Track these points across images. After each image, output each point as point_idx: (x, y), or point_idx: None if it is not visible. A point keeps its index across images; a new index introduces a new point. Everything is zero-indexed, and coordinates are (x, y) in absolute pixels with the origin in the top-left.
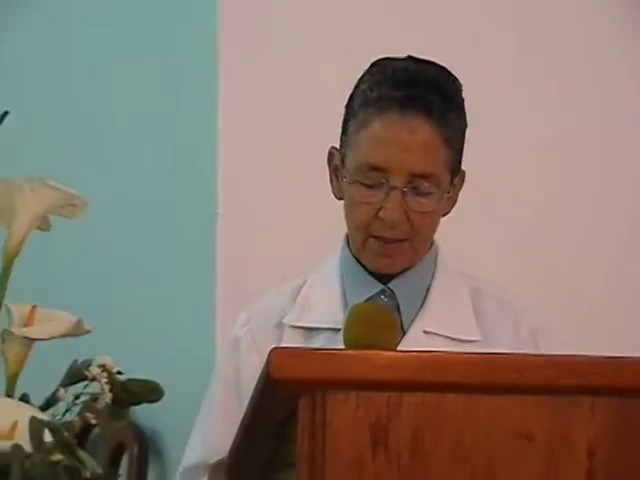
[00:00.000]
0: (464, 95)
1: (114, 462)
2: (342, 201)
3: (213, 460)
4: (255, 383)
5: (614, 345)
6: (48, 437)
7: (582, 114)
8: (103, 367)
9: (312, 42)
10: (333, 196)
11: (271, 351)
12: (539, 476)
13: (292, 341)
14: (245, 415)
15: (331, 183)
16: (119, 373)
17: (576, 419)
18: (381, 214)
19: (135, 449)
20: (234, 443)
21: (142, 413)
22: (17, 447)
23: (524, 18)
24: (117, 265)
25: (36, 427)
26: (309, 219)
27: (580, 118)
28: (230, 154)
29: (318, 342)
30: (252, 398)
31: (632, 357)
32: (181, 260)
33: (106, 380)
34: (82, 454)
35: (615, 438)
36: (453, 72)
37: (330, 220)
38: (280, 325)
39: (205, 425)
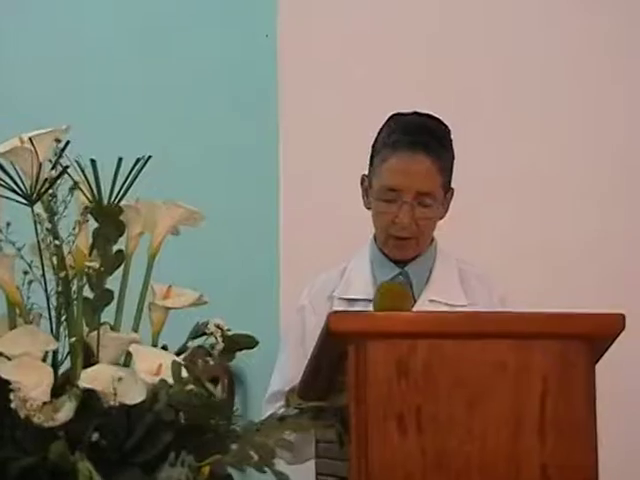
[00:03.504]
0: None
1: None
2: (370, 211)
3: (288, 388)
4: (317, 335)
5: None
6: (184, 373)
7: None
8: (218, 325)
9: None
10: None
11: (329, 314)
12: (510, 393)
13: (339, 308)
14: (311, 356)
15: (363, 198)
16: (228, 330)
17: (534, 355)
18: (396, 220)
19: (225, 381)
20: (304, 374)
21: None
22: (163, 381)
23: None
24: (193, 254)
25: (176, 367)
26: (349, 220)
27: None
28: (292, 160)
29: (357, 309)
30: (316, 345)
31: (571, 312)
32: (249, 246)
33: (220, 334)
34: (207, 384)
35: (560, 368)
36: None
37: (362, 223)
38: (331, 297)
39: (281, 366)
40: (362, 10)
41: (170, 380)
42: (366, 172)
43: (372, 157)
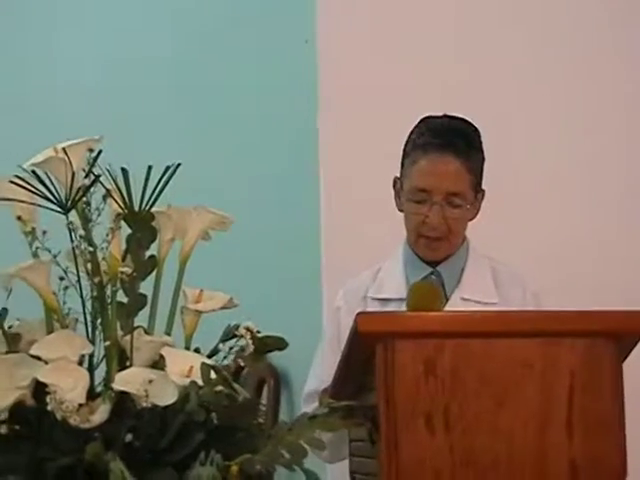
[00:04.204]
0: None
1: (258, 392)
2: (402, 213)
3: (323, 387)
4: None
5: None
6: (213, 375)
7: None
8: (247, 328)
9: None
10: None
11: (357, 315)
12: (538, 391)
13: (373, 308)
14: (342, 356)
15: (395, 200)
16: (258, 332)
17: (561, 352)
18: (427, 221)
19: (272, 383)
20: (335, 374)
21: (276, 357)
22: (193, 382)
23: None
24: (239, 258)
25: (205, 369)
26: (389, 222)
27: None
28: (332, 164)
29: (390, 308)
30: (346, 345)
31: (598, 310)
32: (291, 249)
33: (250, 337)
34: (236, 386)
35: (587, 364)
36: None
37: (402, 226)
38: (365, 298)
39: (317, 366)
40: (401, 14)
41: (200, 382)
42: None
43: (403, 159)
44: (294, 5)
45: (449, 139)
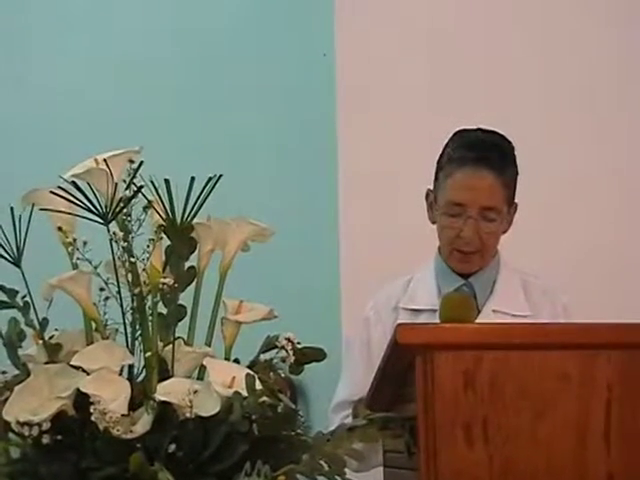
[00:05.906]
0: (516, 152)
1: None
2: (434, 225)
3: (355, 398)
4: (385, 346)
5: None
6: (258, 385)
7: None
8: (288, 339)
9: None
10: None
11: (397, 326)
12: (576, 403)
13: (404, 319)
14: (379, 367)
15: (427, 212)
16: (298, 343)
17: (598, 364)
18: (461, 234)
19: (288, 394)
20: (372, 385)
21: None
22: (237, 393)
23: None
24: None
25: (251, 380)
26: (413, 233)
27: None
28: (351, 174)
29: (421, 319)
30: (384, 356)
31: (634, 323)
32: (309, 260)
33: (290, 347)
34: (281, 395)
35: (625, 376)
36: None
37: (425, 236)
38: (396, 308)
39: (347, 375)
40: (419, 27)
41: (244, 392)
42: (426, 184)
43: (437, 172)
44: (312, 19)
45: (484, 153)
